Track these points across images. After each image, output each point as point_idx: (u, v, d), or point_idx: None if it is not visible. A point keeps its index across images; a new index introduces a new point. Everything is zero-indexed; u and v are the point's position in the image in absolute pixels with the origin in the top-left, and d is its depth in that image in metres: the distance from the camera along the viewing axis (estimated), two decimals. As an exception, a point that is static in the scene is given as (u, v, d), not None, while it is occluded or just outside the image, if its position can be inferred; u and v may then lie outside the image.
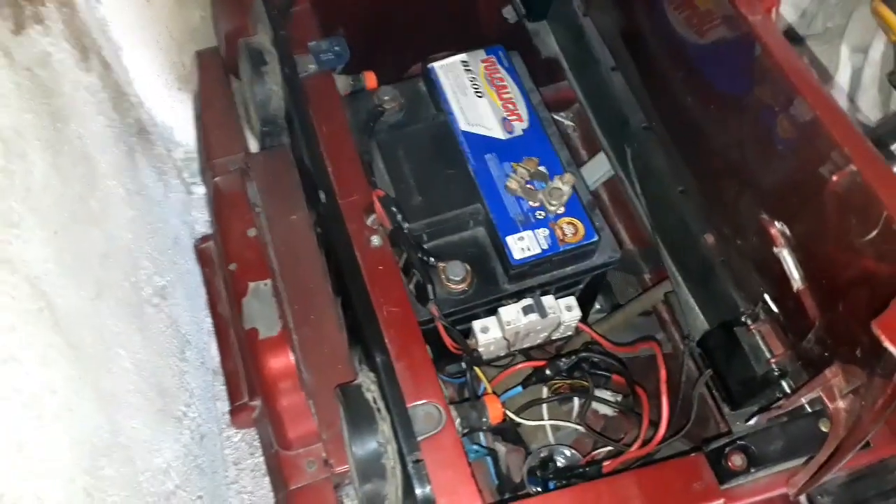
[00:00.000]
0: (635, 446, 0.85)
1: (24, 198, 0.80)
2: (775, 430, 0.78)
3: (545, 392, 0.95)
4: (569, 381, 0.94)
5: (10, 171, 0.77)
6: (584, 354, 0.94)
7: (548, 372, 0.92)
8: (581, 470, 0.89)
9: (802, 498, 0.96)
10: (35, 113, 0.88)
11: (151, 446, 1.00)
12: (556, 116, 1.19)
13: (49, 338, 0.76)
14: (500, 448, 0.95)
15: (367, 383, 0.76)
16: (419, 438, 0.74)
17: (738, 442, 0.76)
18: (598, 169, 1.12)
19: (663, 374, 0.83)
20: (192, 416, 1.23)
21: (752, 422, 0.81)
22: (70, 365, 0.79)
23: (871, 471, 1.03)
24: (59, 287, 0.82)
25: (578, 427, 0.93)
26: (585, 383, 0.93)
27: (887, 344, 0.52)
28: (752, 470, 0.75)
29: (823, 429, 0.76)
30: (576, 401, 0.97)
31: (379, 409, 0.74)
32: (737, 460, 0.75)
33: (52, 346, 0.76)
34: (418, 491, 0.71)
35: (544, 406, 0.95)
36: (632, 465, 0.85)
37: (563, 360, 0.93)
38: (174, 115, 1.45)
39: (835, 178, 0.66)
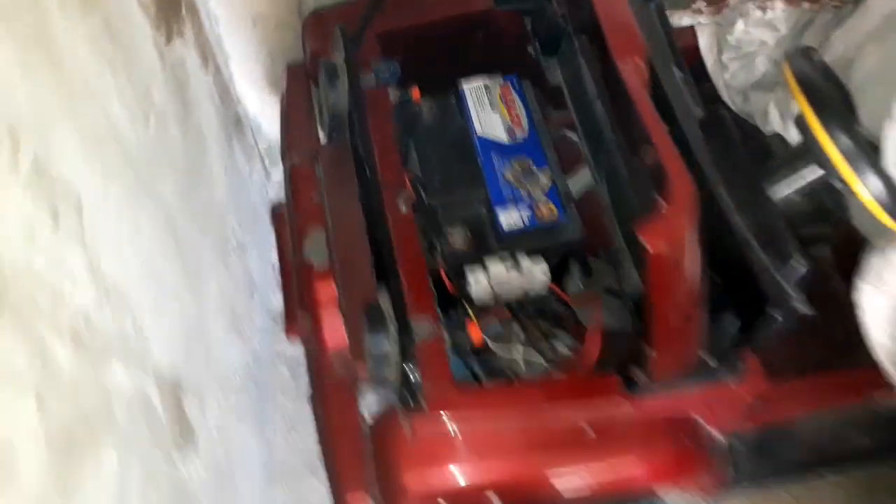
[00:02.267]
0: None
1: (166, 156, 1.14)
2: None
3: (521, 335, 1.23)
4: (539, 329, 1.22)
5: (160, 137, 1.11)
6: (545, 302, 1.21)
7: (520, 314, 1.20)
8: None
9: (722, 439, 1.21)
10: (175, 100, 1.23)
11: (224, 347, 1.33)
12: (567, 133, 1.46)
13: (171, 248, 1.10)
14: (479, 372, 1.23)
15: (385, 304, 1.06)
16: (416, 341, 1.04)
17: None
18: (583, 178, 1.39)
19: (598, 318, 1.08)
20: (254, 340, 1.56)
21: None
22: (180, 269, 1.12)
23: (780, 430, 1.28)
24: (179, 219, 1.16)
25: (542, 361, 1.20)
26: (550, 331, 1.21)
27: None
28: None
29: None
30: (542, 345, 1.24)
31: (390, 321, 1.04)
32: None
33: (171, 252, 1.09)
34: (412, 377, 1.01)
35: (519, 346, 1.22)
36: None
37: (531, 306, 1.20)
38: (263, 113, 1.80)
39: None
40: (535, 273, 1.18)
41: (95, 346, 0.75)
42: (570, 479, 1.05)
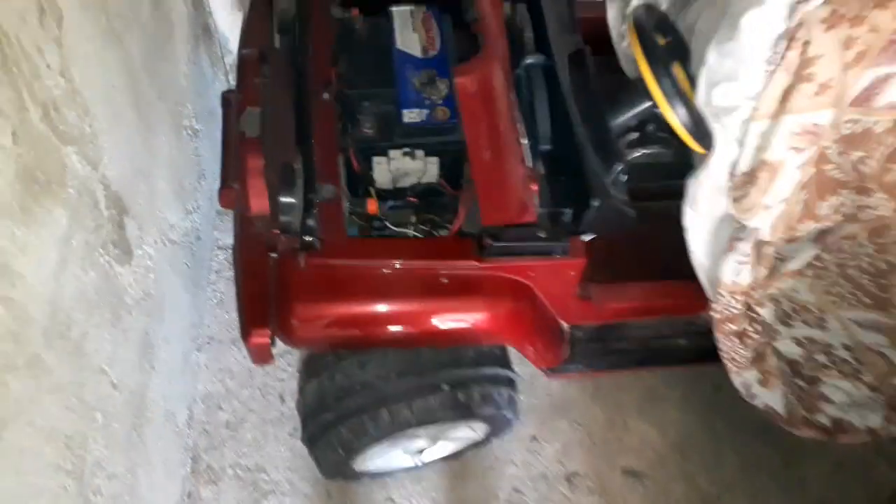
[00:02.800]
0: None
1: (136, 22, 1.37)
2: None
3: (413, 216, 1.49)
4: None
5: (131, 4, 1.35)
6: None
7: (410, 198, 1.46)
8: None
9: (566, 327, 1.49)
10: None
11: (168, 204, 1.57)
12: None
13: (131, 95, 1.33)
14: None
15: (298, 168, 1.31)
16: (319, 199, 1.29)
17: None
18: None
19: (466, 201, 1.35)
20: (196, 218, 1.80)
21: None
22: (136, 116, 1.36)
23: (614, 326, 1.56)
24: (141, 76, 1.39)
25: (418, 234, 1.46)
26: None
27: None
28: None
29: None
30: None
31: (299, 181, 1.28)
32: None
33: (130, 98, 1.33)
34: (310, 222, 1.26)
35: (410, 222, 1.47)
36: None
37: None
38: (233, 31, 2.03)
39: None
40: (427, 164, 1.44)
41: (59, 129, 0.99)
42: (427, 318, 1.32)
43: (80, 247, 1.08)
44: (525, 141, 1.16)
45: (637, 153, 1.59)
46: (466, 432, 1.63)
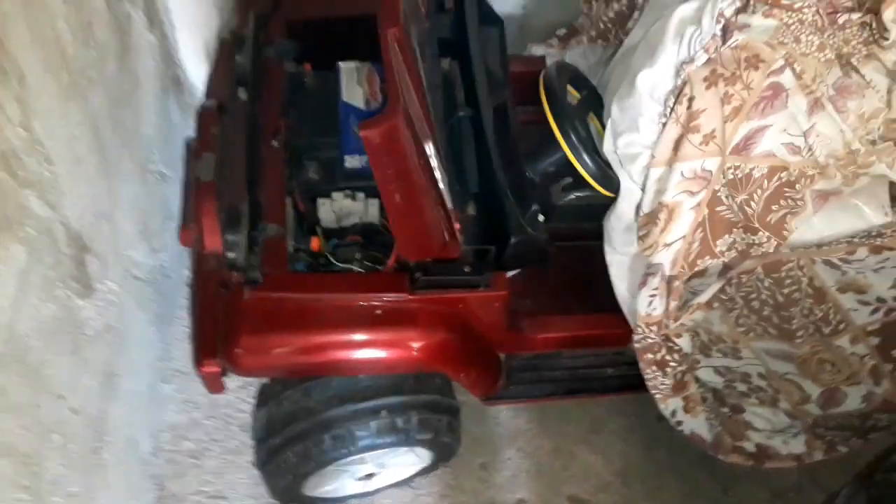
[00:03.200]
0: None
1: (100, 77, 1.51)
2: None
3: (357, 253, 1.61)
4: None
5: (96, 63, 1.49)
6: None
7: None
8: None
9: (500, 355, 1.60)
10: (115, 41, 1.60)
11: (132, 244, 1.69)
12: None
13: (94, 143, 1.46)
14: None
15: (244, 209, 1.43)
16: (263, 238, 1.42)
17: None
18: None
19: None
20: (163, 256, 1.92)
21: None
22: (98, 161, 1.48)
23: (547, 357, 1.66)
24: (104, 127, 1.52)
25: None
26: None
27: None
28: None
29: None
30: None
31: (245, 221, 1.40)
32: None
33: (92, 145, 1.46)
34: (254, 259, 1.39)
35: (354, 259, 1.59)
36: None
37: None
38: (201, 81, 2.19)
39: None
40: (368, 205, 1.57)
41: (18, 174, 1.12)
42: (363, 347, 1.43)
43: (39, 280, 1.19)
44: (443, 186, 1.29)
45: (571, 196, 1.73)
46: (412, 458, 1.72)
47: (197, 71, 2.15)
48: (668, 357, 1.57)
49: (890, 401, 1.53)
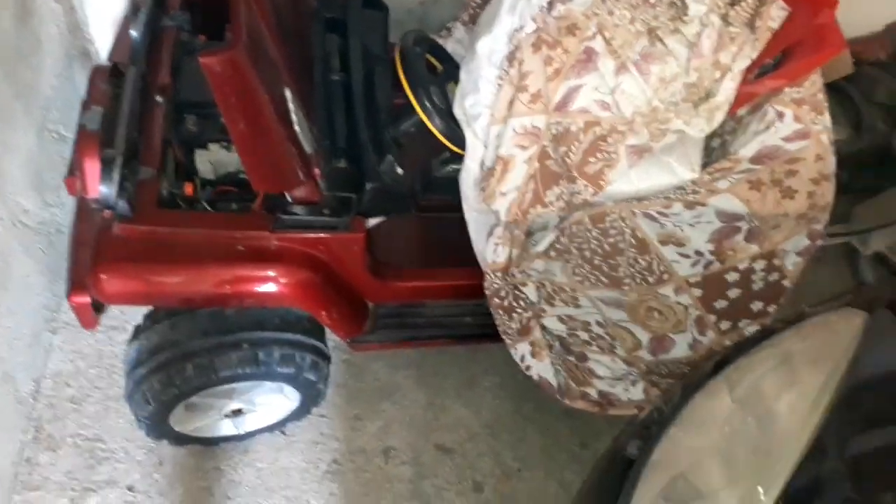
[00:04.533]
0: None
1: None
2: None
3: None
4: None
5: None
6: None
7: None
8: None
9: (369, 303, 1.69)
10: (17, 5, 1.68)
11: (22, 192, 1.74)
12: None
13: None
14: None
15: (119, 154, 1.50)
16: (137, 179, 1.49)
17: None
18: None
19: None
20: (56, 212, 1.97)
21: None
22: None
23: (411, 305, 1.77)
24: (2, 83, 1.59)
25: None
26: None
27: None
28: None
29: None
30: None
31: (119, 166, 1.47)
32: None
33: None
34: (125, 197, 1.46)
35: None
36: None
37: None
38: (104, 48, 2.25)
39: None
40: (242, 156, 1.66)
41: None
42: (224, 282, 1.51)
43: None
44: (298, 129, 1.39)
45: (448, 168, 1.86)
46: (281, 399, 1.80)
47: (105, 45, 2.22)
48: (514, 303, 1.69)
49: (716, 350, 1.67)
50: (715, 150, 1.60)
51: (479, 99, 1.52)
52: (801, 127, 1.45)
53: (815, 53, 1.38)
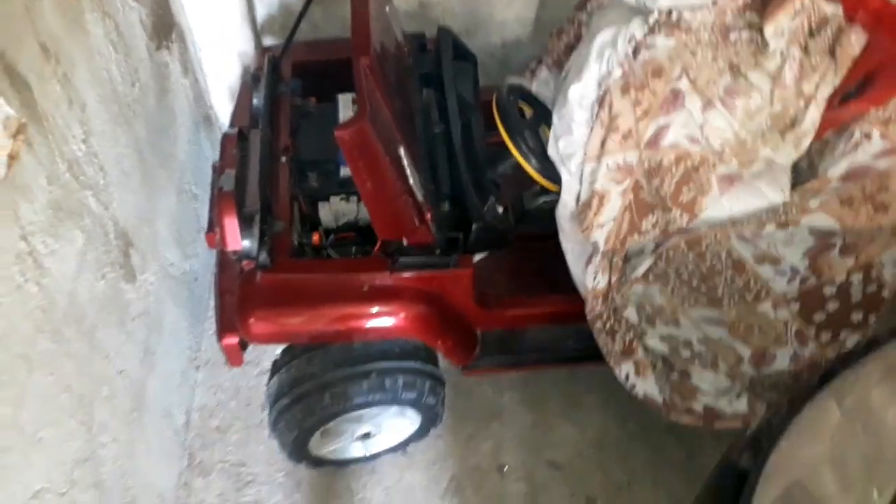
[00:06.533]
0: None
1: (143, 109, 1.84)
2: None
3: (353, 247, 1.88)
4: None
5: (140, 98, 1.82)
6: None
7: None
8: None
9: (476, 330, 1.84)
10: (156, 84, 1.94)
11: (167, 248, 1.99)
12: None
13: (137, 163, 1.78)
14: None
15: (257, 212, 1.71)
16: (272, 232, 1.70)
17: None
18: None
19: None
20: (195, 262, 2.22)
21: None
22: (141, 178, 1.80)
23: (516, 332, 1.90)
24: (146, 151, 1.84)
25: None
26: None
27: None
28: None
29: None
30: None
31: (256, 222, 1.68)
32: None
33: (136, 165, 1.78)
34: (264, 250, 1.66)
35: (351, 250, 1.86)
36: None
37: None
38: (226, 117, 2.52)
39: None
40: (360, 208, 1.85)
41: (79, 178, 1.43)
42: (353, 319, 1.69)
43: (93, 261, 1.49)
44: (412, 181, 1.56)
45: (539, 201, 1.99)
46: (403, 421, 1.96)
47: (225, 111, 2.49)
48: (616, 325, 1.79)
49: (817, 361, 1.72)
50: (803, 170, 1.66)
51: (572, 140, 1.65)
52: (888, 145, 1.51)
53: (897, 77, 1.44)
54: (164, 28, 2.00)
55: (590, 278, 1.73)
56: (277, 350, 1.90)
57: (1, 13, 1.17)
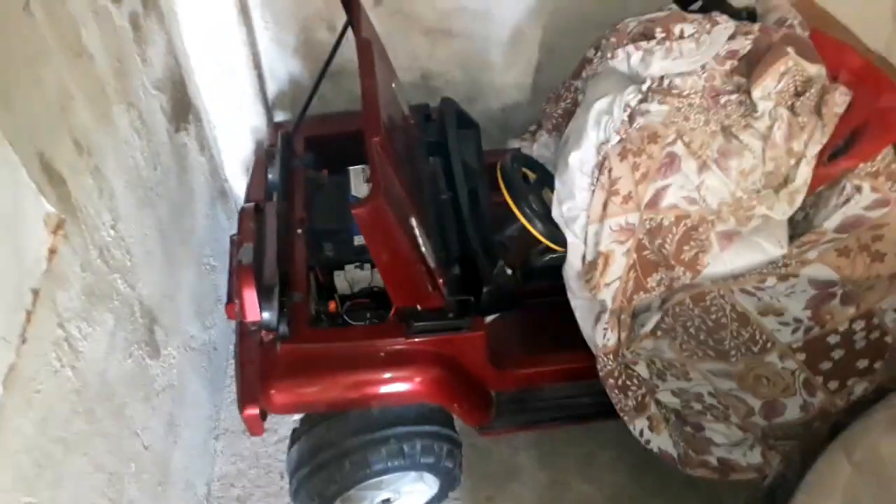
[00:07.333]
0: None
1: (165, 191, 1.93)
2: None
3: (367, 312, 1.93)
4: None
5: (162, 181, 1.91)
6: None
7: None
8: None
9: (490, 392, 1.87)
10: (176, 165, 2.04)
11: (189, 321, 2.05)
12: None
13: (160, 243, 1.86)
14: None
15: (276, 284, 1.78)
16: (290, 303, 1.76)
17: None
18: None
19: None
20: (214, 333, 2.28)
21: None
22: (164, 258, 1.87)
23: (530, 391, 1.94)
24: (167, 230, 1.93)
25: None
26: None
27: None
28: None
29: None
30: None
31: (276, 294, 1.74)
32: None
33: (159, 245, 1.85)
34: (283, 320, 1.72)
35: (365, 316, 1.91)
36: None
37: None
38: (241, 189, 2.62)
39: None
40: (374, 274, 1.92)
41: (109, 262, 1.50)
42: (371, 384, 1.74)
43: (122, 341, 1.55)
44: (424, 249, 1.63)
45: (545, 258, 2.05)
46: (422, 486, 1.97)
47: (239, 184, 2.59)
48: (628, 382, 1.83)
49: (826, 409, 1.74)
50: (799, 223, 1.72)
51: (575, 204, 1.72)
52: (879, 196, 1.57)
53: (884, 133, 1.51)
54: (182, 110, 2.11)
55: (599, 336, 1.78)
56: (295, 417, 1.93)
57: (38, 112, 1.26)
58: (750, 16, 1.86)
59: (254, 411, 1.74)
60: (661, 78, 1.67)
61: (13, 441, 1.09)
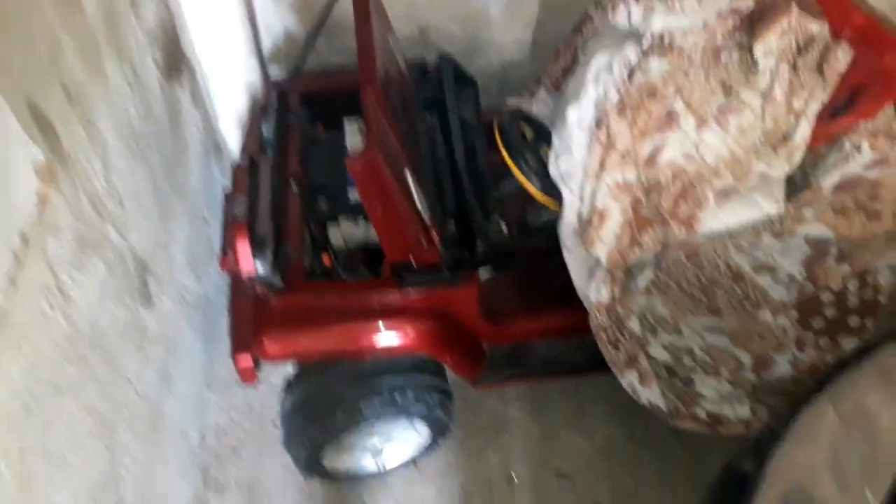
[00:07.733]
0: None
1: (157, 142, 1.90)
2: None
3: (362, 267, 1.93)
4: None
5: (155, 131, 1.88)
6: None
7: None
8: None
9: (483, 345, 1.88)
10: (169, 116, 2.00)
11: (183, 273, 2.04)
12: None
13: (152, 192, 1.83)
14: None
15: (270, 237, 1.77)
16: (284, 256, 1.75)
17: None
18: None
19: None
20: (208, 286, 2.27)
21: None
22: (156, 208, 1.86)
23: (523, 346, 1.94)
24: (160, 180, 1.90)
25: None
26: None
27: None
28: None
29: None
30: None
31: (270, 246, 1.73)
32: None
33: (151, 195, 1.83)
34: (277, 272, 1.71)
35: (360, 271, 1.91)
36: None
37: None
38: (235, 144, 2.58)
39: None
40: (368, 229, 1.91)
41: (101, 212, 1.48)
42: (364, 336, 1.74)
43: (114, 290, 1.54)
44: (419, 203, 1.61)
45: (543, 216, 2.04)
46: (413, 435, 2.00)
47: (233, 138, 2.55)
48: (619, 336, 1.83)
49: (816, 366, 1.75)
50: (797, 182, 1.71)
51: (572, 160, 1.70)
52: (878, 156, 1.55)
53: (885, 92, 1.49)
54: (175, 63, 2.06)
55: (593, 292, 1.78)
56: (288, 368, 1.94)
57: (28, 62, 1.23)
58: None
59: (247, 359, 1.75)
60: (662, 35, 1.64)
61: (1, 385, 1.09)
